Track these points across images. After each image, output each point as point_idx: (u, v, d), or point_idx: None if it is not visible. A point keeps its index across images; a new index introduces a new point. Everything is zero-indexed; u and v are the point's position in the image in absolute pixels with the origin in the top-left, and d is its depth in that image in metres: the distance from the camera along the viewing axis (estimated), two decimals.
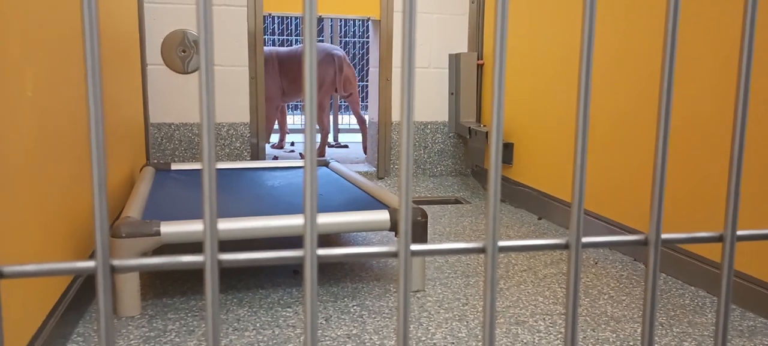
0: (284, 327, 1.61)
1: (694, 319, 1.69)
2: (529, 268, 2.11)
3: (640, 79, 2.20)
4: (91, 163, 0.34)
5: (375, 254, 0.42)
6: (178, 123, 3.29)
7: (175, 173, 2.60)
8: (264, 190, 2.27)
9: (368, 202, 2.01)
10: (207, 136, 0.36)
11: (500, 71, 0.41)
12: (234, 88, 3.33)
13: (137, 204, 1.86)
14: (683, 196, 2.00)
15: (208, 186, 0.36)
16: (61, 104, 1.57)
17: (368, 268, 2.09)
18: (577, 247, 0.44)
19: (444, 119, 3.67)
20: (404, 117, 0.39)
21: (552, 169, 2.82)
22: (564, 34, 2.69)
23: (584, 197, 0.41)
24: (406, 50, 0.39)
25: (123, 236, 1.59)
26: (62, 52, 1.60)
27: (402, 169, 0.40)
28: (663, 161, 0.44)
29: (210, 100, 0.35)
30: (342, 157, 4.38)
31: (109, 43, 2.25)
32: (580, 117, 0.42)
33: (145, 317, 1.65)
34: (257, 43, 3.32)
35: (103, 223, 0.35)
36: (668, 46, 0.43)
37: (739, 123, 0.45)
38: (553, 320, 1.67)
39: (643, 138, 2.20)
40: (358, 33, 8.28)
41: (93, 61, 0.34)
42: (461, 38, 3.62)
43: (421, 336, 1.56)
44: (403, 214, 0.40)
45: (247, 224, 1.68)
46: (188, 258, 0.37)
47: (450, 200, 3.28)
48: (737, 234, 0.46)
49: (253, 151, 3.41)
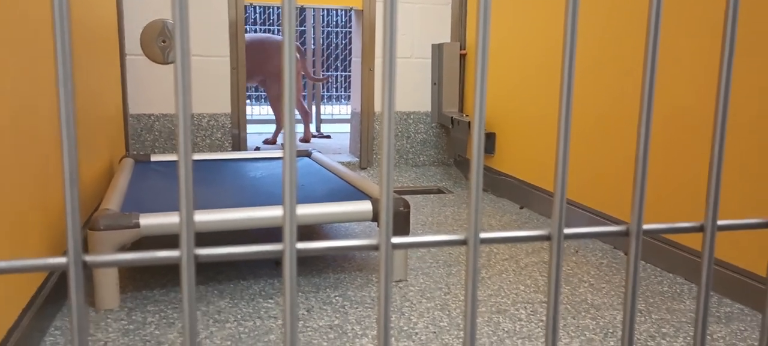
0: (266, 318, 1.60)
1: (672, 306, 1.71)
2: (510, 257, 2.12)
3: (623, 70, 2.21)
4: (62, 156, 0.33)
5: (356, 248, 0.41)
6: (158, 114, 3.25)
7: (155, 165, 2.57)
8: (245, 181, 2.25)
9: (350, 192, 2.00)
10: (183, 127, 0.35)
11: (482, 61, 0.40)
12: (215, 78, 3.30)
13: (116, 196, 1.84)
14: (664, 187, 2.02)
15: (185, 180, 0.35)
16: (35, 95, 1.54)
17: (350, 258, 2.08)
18: (559, 238, 0.43)
19: (427, 109, 3.67)
20: (385, 107, 0.39)
21: (534, 159, 2.84)
22: (547, 25, 2.69)
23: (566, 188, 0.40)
24: (387, 39, 0.38)
25: (101, 228, 1.57)
26: (38, 42, 1.56)
27: (383, 162, 0.39)
28: (645, 152, 0.44)
29: (186, 91, 0.34)
30: (325, 148, 4.36)
31: (86, 33, 2.21)
32: (563, 108, 0.42)
33: (124, 310, 1.63)
34: (238, 33, 3.28)
35: (75, 218, 0.34)
36: (651, 39, 0.43)
37: (720, 115, 0.45)
38: (535, 309, 1.68)
39: (625, 129, 2.21)
40: (340, 23, 8.24)
41: (64, 48, 0.33)
42: (444, 28, 3.61)
43: (403, 326, 1.56)
44: (384, 207, 0.40)
45: (227, 216, 1.66)
46: (164, 253, 0.37)
47: (432, 190, 3.29)
48: (718, 224, 0.46)
49: (235, 141, 3.38)
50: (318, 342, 1.47)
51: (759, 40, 1.66)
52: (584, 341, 1.49)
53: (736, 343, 1.50)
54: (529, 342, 1.49)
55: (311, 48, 5.93)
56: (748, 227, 0.48)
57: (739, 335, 1.53)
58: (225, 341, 1.47)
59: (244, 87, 3.35)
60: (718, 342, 1.50)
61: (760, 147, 1.67)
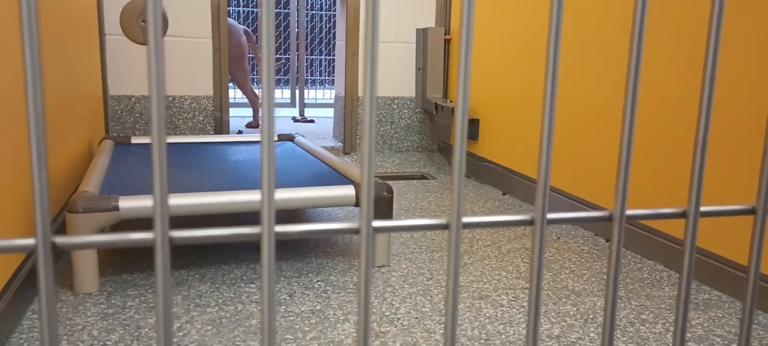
0: (247, 303, 1.59)
1: (651, 292, 1.73)
2: (492, 243, 2.12)
3: (607, 58, 2.21)
4: (29, 135, 0.31)
5: (336, 231, 0.40)
6: (139, 96, 3.20)
7: (136, 147, 2.54)
8: (227, 164, 2.23)
9: (333, 177, 1.99)
10: (156, 108, 0.33)
11: (467, 47, 0.39)
12: (197, 60, 3.25)
13: (95, 178, 1.81)
14: (647, 174, 2.03)
15: (158, 159, 0.34)
16: (9, 74, 1.50)
17: (333, 243, 2.08)
18: (542, 223, 0.43)
19: (411, 95, 3.65)
20: (367, 91, 0.38)
21: (517, 146, 2.84)
22: (532, 11, 2.69)
23: (550, 174, 0.40)
24: (370, 23, 0.37)
25: (79, 211, 1.54)
26: (15, 21, 1.53)
27: (364, 146, 0.39)
28: (629, 137, 0.43)
29: (159, 69, 0.33)
30: (308, 132, 4.34)
31: (65, 13, 2.16)
32: (547, 94, 0.41)
33: (103, 294, 1.61)
34: (221, 14, 3.24)
35: (44, 198, 0.33)
36: (636, 26, 0.42)
37: (705, 103, 0.44)
38: (516, 295, 1.69)
39: (609, 116, 2.22)
40: (324, 6, 8.17)
41: (30, 20, 0.31)
42: (429, 13, 3.59)
43: (386, 311, 1.56)
44: (365, 190, 0.39)
45: (207, 200, 1.65)
46: (138, 235, 0.36)
47: (416, 176, 3.29)
48: (700, 210, 0.46)
49: (217, 125, 3.34)
50: (300, 327, 1.46)
51: (743, 30, 1.67)
52: (565, 327, 1.51)
53: (714, 329, 1.52)
54: (510, 328, 1.50)
55: (295, 31, 5.88)
56: (731, 214, 0.47)
57: (716, 322, 1.55)
58: (206, 325, 1.46)
59: (226, 69, 3.31)
60: (696, 329, 1.52)
61: (743, 134, 1.68)
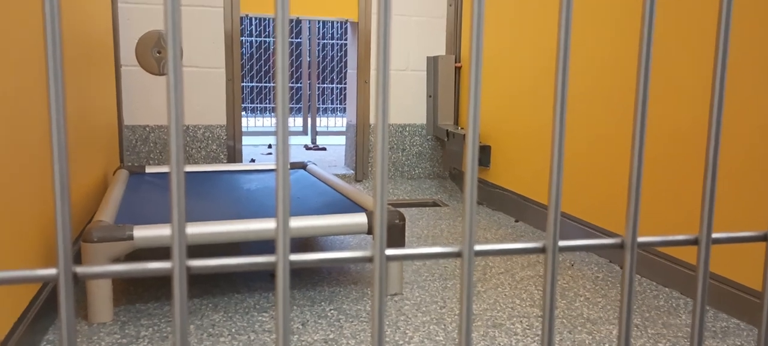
0: (260, 332, 1.59)
1: (668, 320, 1.71)
2: (506, 270, 2.11)
3: (617, 84, 2.22)
4: (53, 166, 0.32)
5: (349, 259, 0.41)
6: (154, 125, 3.24)
7: (150, 176, 2.56)
8: (240, 193, 2.25)
9: (346, 205, 2.00)
10: (175, 139, 0.34)
11: (476, 74, 0.40)
12: (210, 89, 3.30)
13: (110, 208, 1.83)
14: (659, 201, 2.02)
15: (177, 190, 0.35)
16: (31, 106, 1.53)
17: (346, 272, 2.07)
18: (554, 250, 0.43)
19: (422, 122, 3.67)
20: (379, 118, 0.39)
21: (529, 172, 2.84)
22: (542, 39, 2.71)
23: (561, 200, 0.40)
24: (381, 52, 0.38)
25: (95, 240, 1.56)
26: (36, 52, 1.56)
27: (377, 173, 0.39)
28: (639, 165, 0.44)
29: (178, 102, 0.34)
30: (320, 160, 4.36)
31: (81, 44, 2.21)
32: (557, 120, 0.42)
33: (117, 323, 1.62)
34: (234, 44, 3.29)
35: (66, 229, 0.33)
36: (643, 53, 0.43)
37: (714, 127, 0.45)
38: (530, 323, 1.68)
39: (619, 143, 2.22)
40: (336, 35, 8.27)
41: (55, 59, 0.32)
42: (439, 41, 3.63)
43: (399, 340, 1.56)
44: (378, 218, 0.39)
45: (221, 228, 1.66)
46: (155, 265, 0.36)
47: (428, 203, 3.28)
48: (712, 237, 0.46)
49: (230, 153, 3.37)
50: None
51: (752, 57, 1.67)
52: None
53: None
54: None
55: (307, 60, 5.94)
56: (743, 241, 0.47)
57: None
58: None
59: (239, 98, 3.35)
60: None
61: (755, 161, 1.67)
